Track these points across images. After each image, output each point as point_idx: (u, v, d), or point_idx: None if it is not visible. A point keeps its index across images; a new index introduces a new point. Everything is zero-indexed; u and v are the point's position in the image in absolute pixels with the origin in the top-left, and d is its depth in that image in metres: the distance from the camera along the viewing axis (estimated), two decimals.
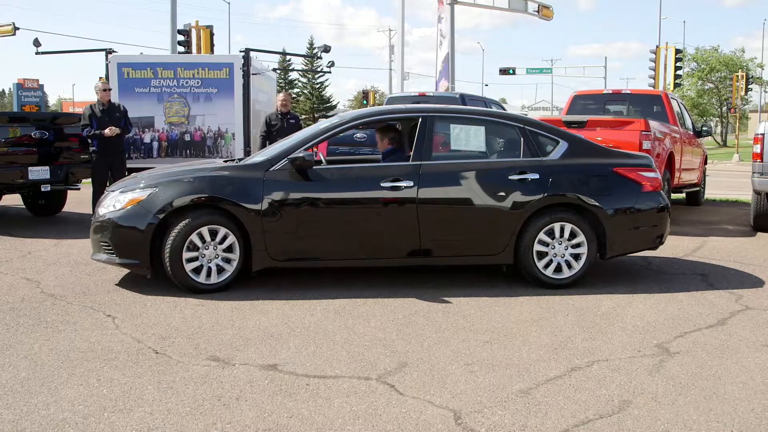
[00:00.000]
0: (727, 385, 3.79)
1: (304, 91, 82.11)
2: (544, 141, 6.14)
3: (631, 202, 6.08)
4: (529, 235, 5.85)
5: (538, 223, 5.85)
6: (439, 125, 6.20)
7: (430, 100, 13.46)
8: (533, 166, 5.95)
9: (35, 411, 3.35)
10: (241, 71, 12.92)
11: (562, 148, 6.09)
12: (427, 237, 5.79)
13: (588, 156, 6.18)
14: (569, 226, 5.89)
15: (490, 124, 6.37)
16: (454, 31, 24.98)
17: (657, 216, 6.21)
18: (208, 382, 3.73)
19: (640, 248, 6.37)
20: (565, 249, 5.92)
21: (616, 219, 5.98)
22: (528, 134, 6.11)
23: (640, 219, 6.14)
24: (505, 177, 5.88)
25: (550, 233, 5.89)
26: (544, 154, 6.07)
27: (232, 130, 12.90)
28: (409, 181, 5.73)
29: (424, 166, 5.82)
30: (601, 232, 5.98)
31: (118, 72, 12.92)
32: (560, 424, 3.28)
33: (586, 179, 6.02)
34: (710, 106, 54.64)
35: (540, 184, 5.88)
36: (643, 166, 6.29)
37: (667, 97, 11.40)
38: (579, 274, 5.94)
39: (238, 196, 5.58)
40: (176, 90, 13.03)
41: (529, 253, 5.86)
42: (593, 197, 5.93)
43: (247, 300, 5.42)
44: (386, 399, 3.54)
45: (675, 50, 29.14)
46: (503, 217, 5.84)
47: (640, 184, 6.14)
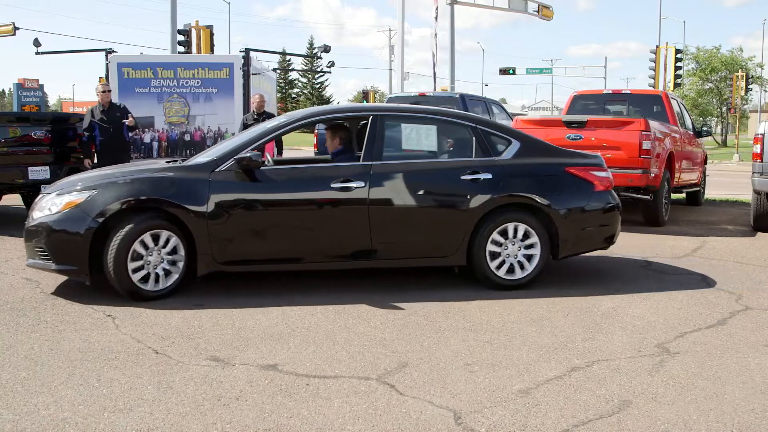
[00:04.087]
0: (727, 385, 3.79)
1: (304, 91, 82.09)
2: (497, 140, 6.07)
3: (583, 201, 6.04)
4: (482, 235, 5.77)
5: (490, 224, 5.78)
6: (390, 125, 6.08)
7: (429, 100, 13.48)
8: (486, 166, 5.87)
9: (35, 411, 3.35)
10: (241, 71, 12.92)
11: (515, 148, 6.03)
12: (379, 238, 5.67)
13: (540, 156, 6.13)
14: (522, 226, 5.83)
15: (441, 123, 6.30)
16: (454, 30, 24.98)
17: (608, 216, 6.17)
18: (208, 382, 3.73)
19: (592, 248, 6.33)
20: (518, 249, 5.85)
21: (569, 219, 5.94)
22: (480, 134, 6.03)
23: (592, 219, 6.10)
24: (458, 177, 5.79)
25: (503, 234, 5.82)
26: (496, 153, 6.00)
27: (232, 130, 12.89)
28: (360, 181, 5.59)
29: (375, 166, 5.69)
30: (553, 232, 5.92)
31: (118, 72, 12.92)
32: (560, 424, 3.28)
33: (539, 179, 5.96)
34: (710, 106, 54.62)
35: (493, 184, 5.80)
36: (595, 165, 6.24)
37: (667, 97, 11.40)
38: (532, 275, 5.88)
39: (183, 198, 5.35)
40: (176, 90, 13.03)
41: (482, 254, 5.78)
42: (546, 197, 5.87)
43: (247, 300, 5.42)
44: (386, 399, 3.54)
45: (675, 50, 29.16)
46: (456, 217, 5.76)
47: (592, 183, 6.09)
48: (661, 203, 9.70)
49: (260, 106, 10.58)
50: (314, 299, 5.47)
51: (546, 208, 5.87)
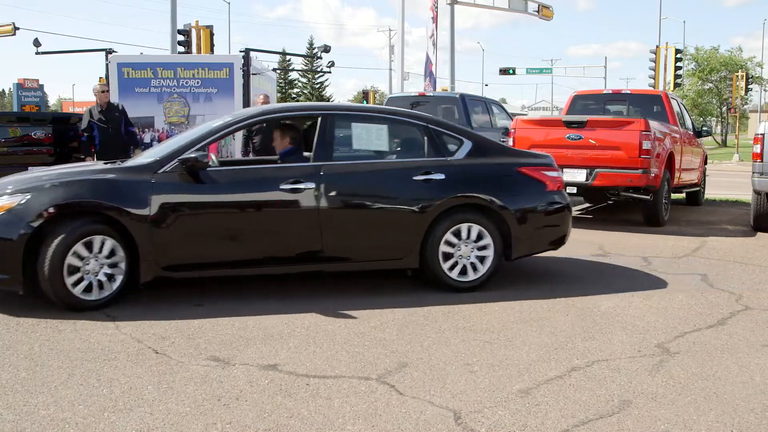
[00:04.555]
0: (727, 385, 3.79)
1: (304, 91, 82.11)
2: (449, 140, 5.97)
3: (536, 201, 5.98)
4: (435, 237, 5.65)
5: (443, 225, 5.66)
6: (340, 124, 5.94)
7: (430, 100, 13.49)
8: (438, 166, 5.77)
9: (35, 411, 3.35)
10: (241, 71, 12.91)
11: (467, 148, 5.94)
12: (330, 241, 5.50)
13: (492, 156, 6.06)
14: (475, 227, 5.73)
15: (392, 123, 6.19)
16: (454, 30, 24.98)
17: (560, 216, 6.13)
18: (207, 382, 3.73)
19: (543, 248, 6.26)
20: (471, 251, 5.75)
21: (521, 219, 5.87)
22: (432, 133, 5.94)
23: (544, 219, 6.05)
24: (410, 177, 5.68)
25: (456, 235, 5.71)
26: (448, 153, 5.91)
27: None
28: (310, 182, 5.41)
29: (326, 166, 5.52)
30: (506, 233, 5.83)
31: (118, 72, 12.92)
32: (560, 424, 3.28)
33: (491, 179, 5.89)
34: (710, 106, 54.64)
35: (445, 184, 5.70)
36: (546, 165, 6.18)
37: (667, 97, 11.40)
38: (485, 276, 5.80)
39: (124, 201, 5.06)
40: (176, 90, 13.02)
41: (435, 256, 5.66)
42: (498, 197, 5.79)
43: (248, 300, 5.42)
44: (386, 399, 3.54)
45: (675, 50, 29.15)
46: (408, 219, 5.63)
47: (544, 183, 6.04)
48: (661, 203, 9.70)
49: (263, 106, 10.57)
50: (314, 299, 5.47)
51: (499, 209, 5.79)
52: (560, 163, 9.39)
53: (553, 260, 7.23)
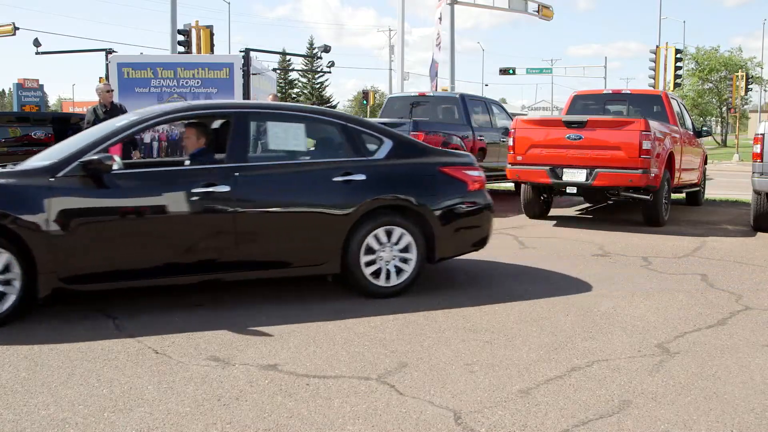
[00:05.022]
0: (727, 385, 3.79)
1: (304, 91, 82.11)
2: (368, 139, 5.73)
3: (458, 202, 5.81)
4: (357, 241, 5.40)
5: (365, 228, 5.42)
6: (255, 123, 5.68)
7: (430, 100, 13.49)
8: (358, 167, 5.51)
9: (35, 411, 3.35)
10: (241, 71, 12.94)
11: (387, 147, 5.71)
12: (246, 247, 5.18)
13: (414, 155, 5.85)
14: (397, 229, 5.52)
15: (310, 121, 5.93)
16: (454, 30, 24.98)
17: (482, 216, 5.99)
18: (208, 382, 3.73)
19: (467, 250, 6.09)
20: (393, 254, 5.53)
21: (444, 220, 5.69)
22: (351, 132, 5.68)
23: (467, 220, 5.90)
24: (329, 179, 5.41)
25: (377, 238, 5.48)
26: (368, 153, 5.67)
27: None
28: (223, 185, 5.05)
29: (240, 168, 5.20)
30: (429, 235, 5.64)
31: (118, 72, 12.95)
32: (560, 424, 3.28)
33: (413, 179, 5.69)
34: (710, 106, 54.66)
35: (366, 185, 5.45)
36: (468, 164, 6.03)
37: (667, 97, 11.41)
38: (409, 280, 5.60)
39: (17, 208, 4.57)
40: (176, 90, 13.05)
41: (356, 260, 5.41)
42: (421, 198, 5.60)
43: (248, 300, 5.42)
44: (386, 399, 3.54)
45: (675, 50, 29.16)
46: (328, 222, 5.36)
47: (466, 183, 5.88)
48: (661, 203, 9.70)
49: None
50: (314, 299, 5.47)
51: (421, 210, 5.60)
52: (560, 163, 9.46)
53: (552, 260, 7.23)
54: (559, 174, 9.51)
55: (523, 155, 9.79)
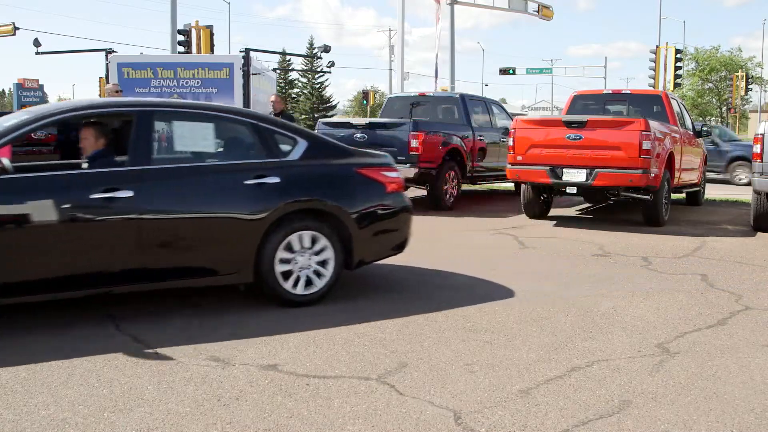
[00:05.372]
0: (727, 385, 3.79)
1: (304, 91, 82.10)
2: (282, 140, 5.45)
3: (377, 204, 5.60)
4: (271, 247, 5.10)
5: (279, 233, 5.13)
6: (160, 123, 5.26)
7: (430, 100, 13.49)
8: (272, 169, 5.22)
9: (35, 411, 3.35)
10: (241, 71, 12.95)
11: (302, 148, 5.44)
12: (152, 256, 4.82)
13: (329, 156, 5.60)
14: (314, 234, 5.27)
15: (219, 120, 5.56)
16: (454, 30, 24.99)
17: (400, 219, 5.78)
18: (208, 382, 3.73)
19: (386, 254, 5.87)
20: (310, 260, 5.27)
21: (363, 224, 5.46)
22: (263, 132, 5.38)
23: (386, 222, 5.68)
24: (241, 182, 5.09)
25: (293, 244, 5.19)
26: (282, 154, 5.38)
27: None
28: (126, 190, 4.67)
29: (145, 171, 4.84)
30: (347, 239, 5.41)
31: (118, 72, 12.96)
32: (560, 424, 3.28)
33: (330, 181, 5.45)
34: (710, 106, 54.66)
35: (280, 188, 5.17)
36: (385, 165, 5.81)
37: (667, 97, 11.41)
38: (327, 287, 5.34)
39: None
40: (176, 90, 13.06)
41: (271, 268, 5.11)
42: (338, 201, 5.36)
43: (247, 300, 5.42)
44: (386, 399, 3.54)
45: (675, 50, 29.15)
46: (241, 228, 5.04)
47: (384, 185, 5.65)
48: (661, 203, 9.71)
49: (274, 105, 10.58)
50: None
51: (339, 214, 5.36)
52: (560, 163, 9.46)
53: (552, 260, 7.24)
54: (559, 174, 9.51)
55: (523, 155, 9.79)
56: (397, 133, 10.99)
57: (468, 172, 12.31)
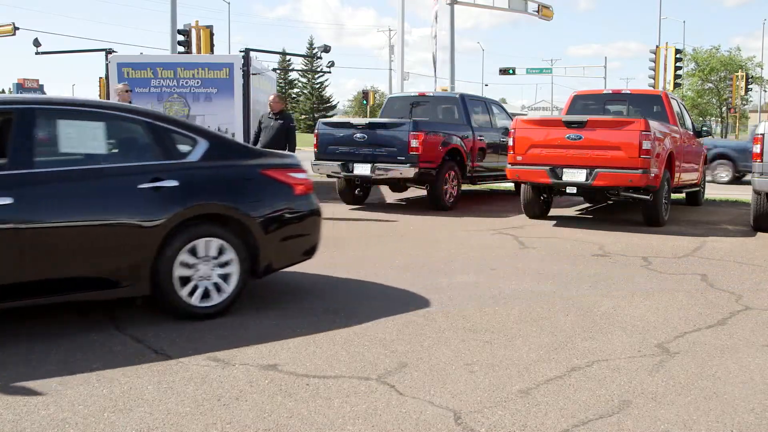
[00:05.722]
0: (727, 385, 3.79)
1: (304, 91, 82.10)
2: (180, 140, 5.08)
3: (284, 208, 5.31)
4: (169, 257, 4.72)
5: (179, 241, 4.76)
6: (43, 122, 4.77)
7: (430, 100, 13.49)
8: (169, 171, 4.84)
9: (35, 411, 3.35)
10: (241, 71, 12.93)
11: (202, 149, 5.08)
12: (36, 269, 4.39)
13: (233, 157, 5.27)
14: (216, 241, 4.91)
15: (110, 119, 5.08)
16: (454, 30, 24.98)
17: (309, 223, 5.50)
18: (207, 382, 3.73)
19: (296, 260, 5.58)
20: (212, 270, 4.92)
21: (269, 229, 5.17)
22: (159, 132, 4.99)
23: (294, 227, 5.40)
24: (135, 186, 4.70)
25: (193, 252, 4.84)
26: (180, 155, 5.02)
27: (232, 130, 12.90)
28: (5, 197, 4.26)
29: (26, 175, 4.42)
30: (252, 246, 5.08)
31: (118, 72, 12.95)
32: (560, 424, 3.28)
33: (233, 184, 5.11)
34: (710, 106, 54.68)
35: (179, 192, 4.80)
36: (292, 166, 5.50)
37: (667, 97, 11.41)
38: (231, 298, 5.00)
39: None
40: (176, 90, 13.05)
41: (169, 279, 4.73)
42: (242, 205, 5.04)
43: (247, 300, 5.41)
44: (386, 399, 3.54)
45: (675, 50, 29.14)
46: (135, 237, 4.65)
47: (291, 187, 5.35)
48: (661, 203, 9.70)
49: (271, 106, 10.58)
50: (313, 299, 5.47)
51: (243, 218, 5.03)
52: (560, 163, 9.45)
53: (552, 260, 7.24)
54: (559, 174, 9.51)
55: (523, 155, 9.79)
56: (397, 133, 10.99)
57: (468, 172, 12.31)
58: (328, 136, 11.65)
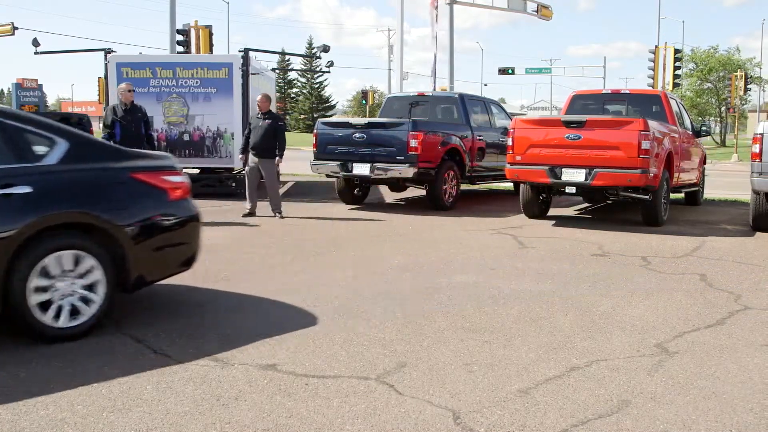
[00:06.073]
0: (726, 385, 3.79)
1: (303, 90, 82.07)
2: (35, 140, 4.53)
3: (157, 215, 4.84)
4: (22, 272, 4.18)
5: (33, 254, 4.23)
6: None
7: (429, 99, 13.49)
8: (21, 176, 4.27)
9: (34, 411, 3.35)
10: (240, 71, 12.92)
11: (61, 150, 4.55)
12: None
13: (98, 159, 4.75)
14: (79, 253, 4.42)
15: None
16: (453, 30, 24.98)
17: (187, 231, 5.06)
18: (207, 382, 3.73)
19: (173, 271, 5.14)
20: (74, 286, 4.42)
21: (140, 238, 4.70)
22: (9, 131, 4.40)
23: (170, 235, 4.95)
24: None
25: (52, 267, 4.32)
26: (35, 158, 4.46)
27: (231, 130, 12.91)
28: None
29: None
30: (120, 257, 4.62)
31: (117, 72, 12.93)
32: (559, 423, 3.28)
33: (97, 189, 4.62)
34: (709, 106, 54.71)
35: (33, 199, 4.26)
36: (167, 168, 5.01)
37: (666, 96, 11.41)
38: (96, 316, 4.52)
39: None
40: (175, 90, 13.03)
41: (23, 298, 4.19)
42: (107, 212, 4.55)
43: (246, 300, 5.42)
44: (385, 399, 3.54)
45: (674, 50, 29.18)
46: None
47: (165, 191, 4.88)
48: (660, 203, 9.71)
49: (259, 106, 10.58)
50: (313, 299, 5.47)
51: (108, 227, 4.55)
52: (559, 162, 9.45)
53: (551, 260, 7.23)
54: (558, 174, 9.51)
55: (522, 155, 9.79)
56: (396, 132, 10.98)
57: (467, 172, 12.31)
58: (327, 136, 11.64)
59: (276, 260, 7.04)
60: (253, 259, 7.09)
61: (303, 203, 12.35)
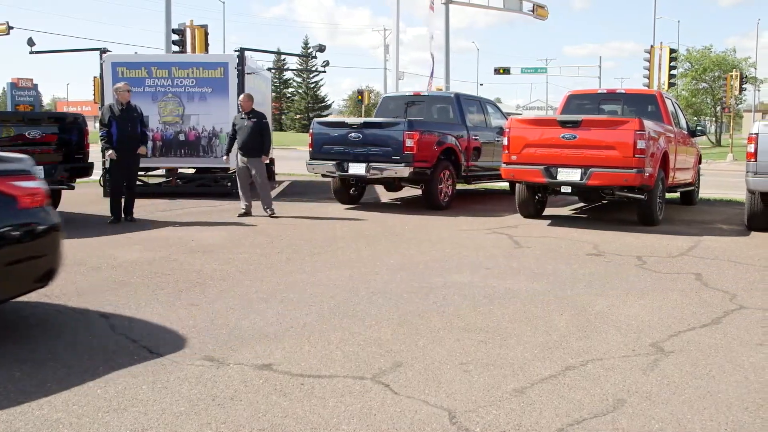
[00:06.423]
0: (721, 384, 3.80)
1: (299, 90, 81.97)
2: None
3: (4, 225, 4.22)
4: None
5: None
6: None
7: (425, 99, 13.50)
8: None
9: (29, 411, 3.34)
10: (236, 71, 12.91)
11: None
12: None
13: None
14: None
15: None
16: (449, 30, 25.00)
17: (43, 243, 4.48)
18: (202, 382, 3.73)
19: (24, 289, 4.51)
20: None
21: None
22: None
23: (21, 248, 4.35)
24: None
25: None
26: None
27: (226, 130, 12.88)
28: None
29: None
30: None
31: (112, 71, 12.91)
32: (555, 423, 3.28)
33: None
34: (704, 106, 54.83)
35: None
36: (18, 173, 4.41)
37: (661, 96, 11.44)
38: None
39: None
40: (171, 89, 13.02)
41: None
42: None
43: (242, 300, 5.41)
44: (381, 398, 3.54)
45: (669, 50, 29.23)
46: None
47: (15, 198, 4.28)
48: (656, 203, 9.73)
49: (242, 106, 10.58)
50: (309, 299, 5.47)
51: None
52: (555, 162, 9.46)
53: (547, 259, 7.24)
54: (553, 173, 9.52)
55: (518, 155, 9.80)
56: (391, 132, 10.99)
57: (463, 172, 12.32)
58: (323, 136, 11.64)
59: (271, 260, 7.03)
60: (249, 258, 7.08)
61: (299, 203, 12.34)
